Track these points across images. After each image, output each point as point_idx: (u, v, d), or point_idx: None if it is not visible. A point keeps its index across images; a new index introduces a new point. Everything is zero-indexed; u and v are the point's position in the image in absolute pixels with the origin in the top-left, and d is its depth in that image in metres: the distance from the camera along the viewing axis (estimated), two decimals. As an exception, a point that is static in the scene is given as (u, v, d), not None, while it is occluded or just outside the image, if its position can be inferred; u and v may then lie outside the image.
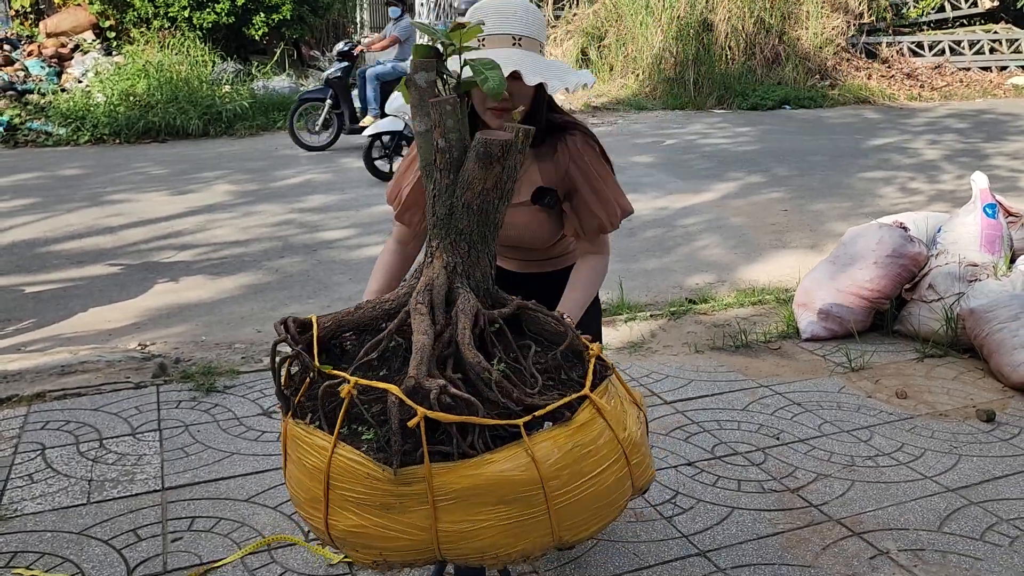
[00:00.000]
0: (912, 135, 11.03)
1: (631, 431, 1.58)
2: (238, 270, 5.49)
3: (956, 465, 2.85)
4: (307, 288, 5.17)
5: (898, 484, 2.73)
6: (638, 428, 1.63)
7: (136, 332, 4.43)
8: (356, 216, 6.79)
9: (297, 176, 8.18)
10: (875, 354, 3.82)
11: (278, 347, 1.62)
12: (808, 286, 4.13)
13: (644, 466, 1.62)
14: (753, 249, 6.04)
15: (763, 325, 4.22)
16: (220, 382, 3.50)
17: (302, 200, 7.26)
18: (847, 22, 15.27)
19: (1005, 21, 17.54)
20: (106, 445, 2.97)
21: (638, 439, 1.61)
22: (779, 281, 5.26)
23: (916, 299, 3.96)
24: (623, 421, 1.57)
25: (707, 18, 14.02)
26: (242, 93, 11.02)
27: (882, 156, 9.56)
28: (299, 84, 12.07)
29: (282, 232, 6.34)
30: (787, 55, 14.38)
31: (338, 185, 7.82)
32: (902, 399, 3.36)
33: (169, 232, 6.30)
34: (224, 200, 7.24)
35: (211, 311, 4.78)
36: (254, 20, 12.24)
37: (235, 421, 3.16)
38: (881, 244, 3.96)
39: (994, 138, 10.83)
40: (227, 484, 2.72)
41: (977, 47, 16.71)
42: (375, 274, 2.06)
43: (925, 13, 16.88)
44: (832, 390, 3.46)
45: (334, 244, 6.06)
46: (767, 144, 10.20)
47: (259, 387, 3.47)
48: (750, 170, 8.58)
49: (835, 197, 7.58)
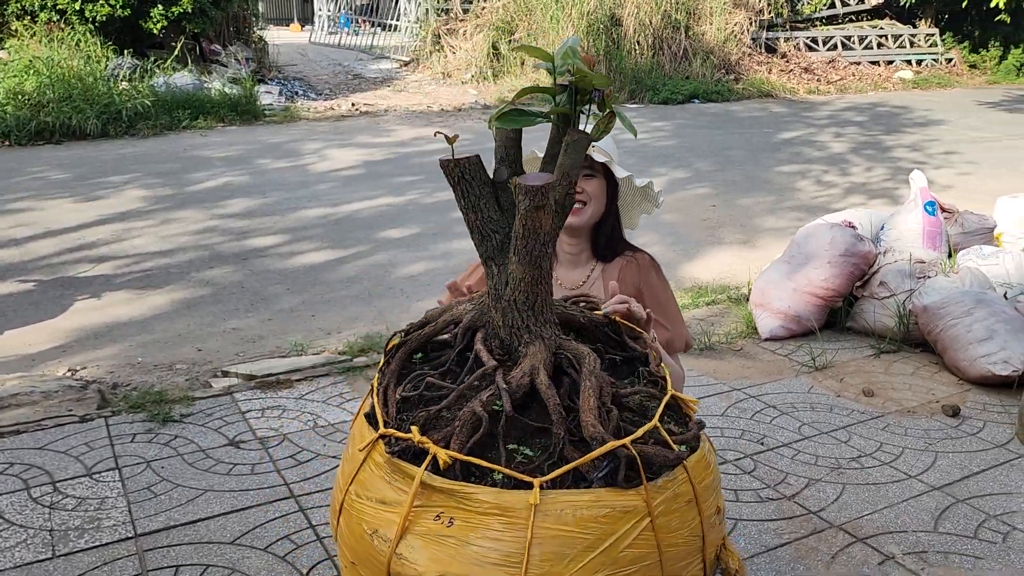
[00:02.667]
0: (817, 128, 11.45)
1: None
2: (165, 283, 5.18)
3: (935, 463, 2.93)
4: (243, 301, 4.92)
5: (886, 485, 2.78)
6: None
7: (62, 356, 4.11)
8: (284, 221, 6.52)
9: (214, 179, 7.81)
10: (834, 352, 3.90)
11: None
12: (763, 286, 4.19)
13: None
14: (690, 246, 6.12)
15: (722, 326, 4.26)
16: (176, 410, 3.27)
17: (224, 205, 6.93)
18: (748, 18, 15.72)
19: (890, 17, 18.46)
20: (61, 489, 2.72)
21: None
22: (722, 278, 5.34)
23: (868, 296, 4.07)
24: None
25: (615, 13, 14.18)
26: (142, 90, 10.44)
27: (793, 150, 9.88)
28: (202, 80, 11.53)
29: (207, 240, 6.03)
30: (693, 50, 14.70)
31: (259, 188, 7.50)
32: (869, 397, 3.44)
33: (82, 243, 5.89)
34: (138, 207, 6.83)
35: (143, 329, 4.48)
36: (152, 13, 11.61)
37: (201, 454, 2.95)
38: (834, 244, 4.05)
39: (892, 131, 11.35)
40: (207, 526, 2.52)
41: (866, 42, 17.51)
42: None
43: (817, 9, 17.57)
44: (802, 391, 3.51)
45: (266, 252, 5.80)
46: (683, 139, 10.39)
47: (219, 414, 3.26)
48: (673, 165, 8.71)
49: (758, 192, 7.77)
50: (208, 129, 10.35)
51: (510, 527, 1.30)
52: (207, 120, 10.52)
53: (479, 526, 1.31)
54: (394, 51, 17.00)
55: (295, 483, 2.77)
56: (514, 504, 1.30)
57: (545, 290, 1.46)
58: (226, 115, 10.78)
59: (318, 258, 5.71)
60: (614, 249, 2.19)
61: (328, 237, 6.16)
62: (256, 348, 4.26)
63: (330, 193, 7.43)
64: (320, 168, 8.43)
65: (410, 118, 11.70)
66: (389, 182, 7.87)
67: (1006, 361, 3.41)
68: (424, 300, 4.96)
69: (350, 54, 17.96)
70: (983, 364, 3.46)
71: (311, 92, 13.47)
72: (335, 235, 6.21)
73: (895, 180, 8.42)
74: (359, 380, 3.65)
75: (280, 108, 11.74)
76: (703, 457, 1.50)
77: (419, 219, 6.66)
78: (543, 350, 1.46)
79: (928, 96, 15.21)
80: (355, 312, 4.79)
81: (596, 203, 2.10)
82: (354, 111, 12.13)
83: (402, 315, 4.73)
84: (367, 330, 4.48)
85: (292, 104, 12.19)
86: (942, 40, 18.08)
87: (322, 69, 16.01)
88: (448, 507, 1.33)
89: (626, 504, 1.34)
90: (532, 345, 1.47)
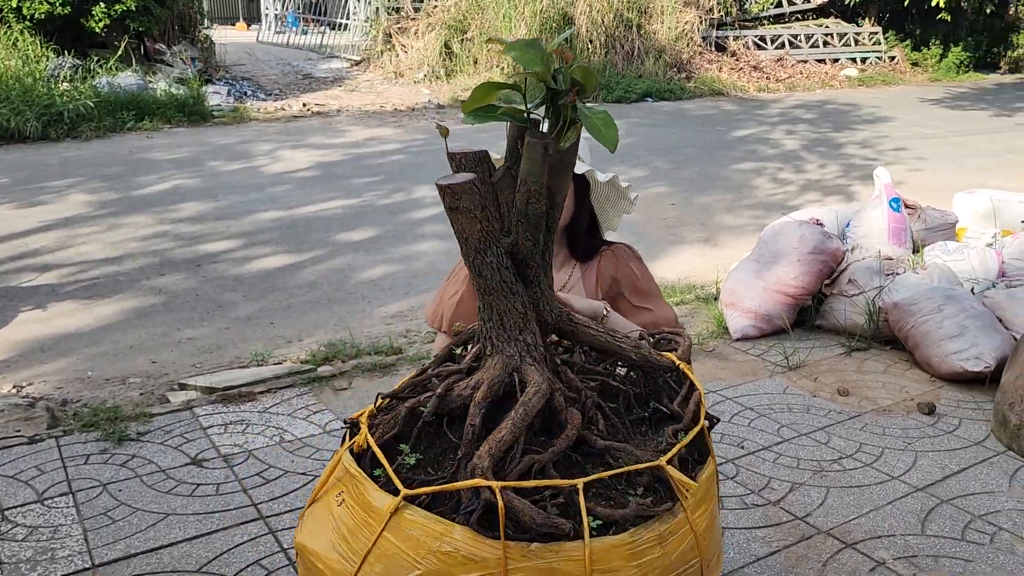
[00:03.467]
0: (769, 126, 11.55)
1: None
2: (114, 292, 4.96)
3: (916, 463, 2.91)
4: (198, 309, 4.73)
5: (870, 487, 2.75)
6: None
7: (7, 371, 3.90)
8: (238, 225, 6.32)
9: (162, 182, 7.55)
10: (806, 351, 3.88)
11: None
12: (733, 286, 4.15)
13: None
14: (652, 245, 6.08)
15: (692, 326, 4.22)
16: (132, 428, 3.09)
17: (174, 209, 6.69)
18: (699, 17, 15.83)
19: (835, 15, 18.77)
20: (10, 517, 2.54)
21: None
22: (687, 277, 5.31)
23: (837, 294, 4.07)
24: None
25: (568, 12, 14.15)
26: (84, 91, 10.07)
27: (747, 147, 9.95)
28: (148, 81, 11.18)
29: (157, 246, 5.80)
30: (646, 49, 14.75)
31: (211, 191, 7.27)
32: (844, 396, 3.42)
33: (24, 251, 5.63)
34: (83, 212, 6.56)
35: (92, 341, 4.28)
36: (94, 11, 11.21)
37: (161, 474, 2.79)
38: (803, 241, 4.03)
39: (841, 128, 11.51)
40: (170, 553, 2.38)
41: (812, 40, 17.78)
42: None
43: (765, 8, 17.78)
44: (777, 391, 3.48)
45: (219, 257, 5.61)
46: (639, 137, 10.39)
47: (178, 431, 3.10)
48: (631, 164, 8.69)
49: (716, 190, 7.78)
50: (154, 131, 10.03)
51: (366, 527, 1.28)
52: (153, 121, 10.20)
53: (351, 516, 1.31)
54: (344, 50, 16.75)
55: (263, 503, 2.64)
56: (377, 506, 1.27)
57: (505, 304, 1.35)
58: (173, 116, 10.47)
59: (275, 263, 5.53)
60: (592, 248, 2.10)
61: (284, 241, 5.99)
62: (214, 359, 4.10)
63: (285, 195, 7.24)
64: (273, 170, 8.22)
65: (363, 118, 11.51)
66: (345, 184, 7.70)
67: (978, 357, 3.42)
68: (386, 305, 4.83)
69: (299, 54, 17.64)
70: (955, 360, 3.46)
71: (260, 92, 13.18)
72: (291, 239, 6.04)
73: (848, 177, 8.52)
74: (325, 391, 3.51)
75: (229, 109, 11.45)
76: (624, 544, 1.24)
77: (377, 221, 6.51)
78: (498, 367, 1.37)
79: (874, 93, 15.48)
80: (315, 318, 4.65)
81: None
82: (306, 111, 11.89)
83: (364, 320, 4.61)
84: (329, 337, 4.34)
85: (241, 104, 11.89)
86: (885, 38, 18.44)
87: (271, 69, 15.69)
88: (348, 490, 1.34)
89: (477, 552, 1.19)
90: (490, 359, 1.39)
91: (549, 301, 1.41)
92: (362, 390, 3.52)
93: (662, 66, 14.60)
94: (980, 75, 18.53)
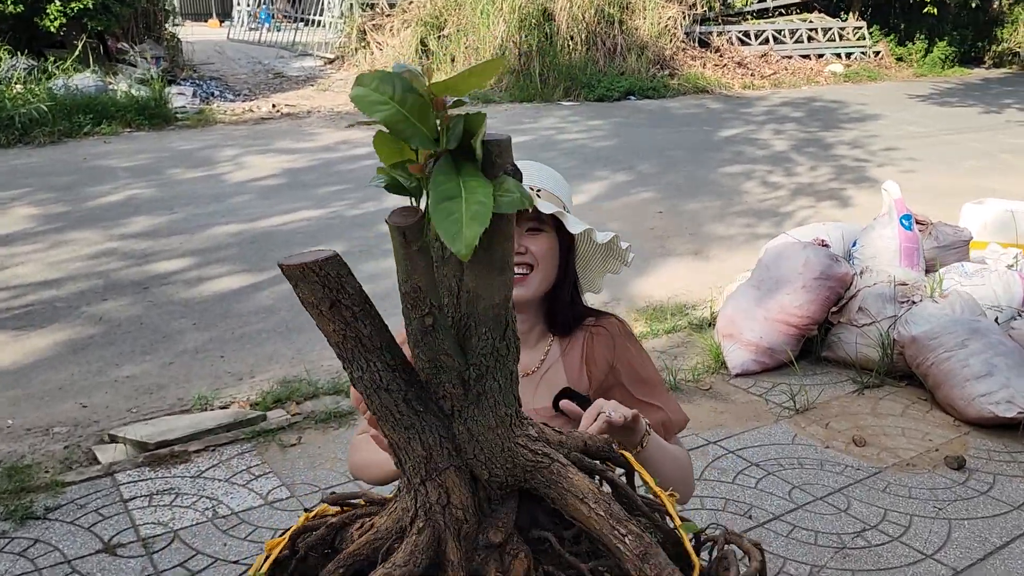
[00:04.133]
0: (756, 125, 11.19)
1: None
2: (50, 320, 4.50)
3: (951, 535, 2.52)
4: (140, 341, 4.28)
5: (902, 570, 2.36)
6: None
7: (-87, 421, 3.44)
8: (193, 241, 5.85)
9: (116, 192, 7.06)
10: (813, 389, 3.49)
11: None
12: (731, 315, 3.76)
13: None
14: (639, 259, 5.66)
15: (686, 359, 3.81)
16: (40, 503, 2.65)
17: (124, 223, 6.21)
18: (681, 12, 15.45)
19: (818, 10, 18.46)
20: None
21: None
22: (677, 296, 4.93)
23: (845, 323, 3.68)
24: None
25: (548, 8, 13.72)
26: (38, 94, 9.54)
27: (735, 149, 9.57)
28: (107, 82, 10.65)
29: (103, 266, 5.33)
30: (628, 45, 14.35)
31: (167, 202, 6.79)
32: (861, 446, 3.03)
33: (-46, 273, 5.15)
34: (25, 227, 6.07)
35: (17, 381, 3.82)
36: (49, 9, 10.67)
37: (65, 566, 2.35)
38: (808, 266, 3.63)
39: (830, 127, 11.17)
40: None
41: (796, 35, 17.44)
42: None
43: (748, 3, 17.43)
44: (785, 441, 3.08)
45: (169, 278, 5.15)
46: (623, 138, 9.99)
47: (94, 505, 2.66)
48: (615, 168, 8.28)
49: (704, 195, 7.40)
50: (113, 135, 9.50)
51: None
52: (111, 125, 9.66)
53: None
54: (318, 48, 16.23)
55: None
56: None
57: (398, 437, 0.98)
58: (133, 119, 9.93)
59: (230, 284, 5.08)
60: (575, 320, 1.65)
61: (243, 258, 5.53)
62: (153, 401, 3.66)
63: (247, 206, 6.77)
64: (236, 178, 7.75)
65: (335, 120, 11.03)
66: (312, 193, 7.24)
67: (1009, 401, 3.04)
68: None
69: (271, 51, 17.10)
70: (983, 404, 3.08)
71: (228, 93, 12.66)
72: (251, 256, 5.58)
73: (840, 180, 8.17)
74: (271, 447, 3.08)
75: (194, 111, 10.93)
76: None
77: (344, 235, 6.07)
78: (392, 516, 1.07)
79: (860, 90, 15.16)
80: (271, 350, 4.21)
81: (546, 266, 1.55)
82: (275, 113, 11.39)
83: (324, 351, 4.16)
84: (284, 373, 3.92)
85: (207, 106, 11.38)
86: (869, 33, 18.15)
87: (241, 68, 15.15)
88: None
89: None
90: (394, 502, 1.11)
91: (493, 444, 0.98)
92: (313, 446, 3.09)
93: (645, 63, 14.20)
94: (965, 70, 18.28)
